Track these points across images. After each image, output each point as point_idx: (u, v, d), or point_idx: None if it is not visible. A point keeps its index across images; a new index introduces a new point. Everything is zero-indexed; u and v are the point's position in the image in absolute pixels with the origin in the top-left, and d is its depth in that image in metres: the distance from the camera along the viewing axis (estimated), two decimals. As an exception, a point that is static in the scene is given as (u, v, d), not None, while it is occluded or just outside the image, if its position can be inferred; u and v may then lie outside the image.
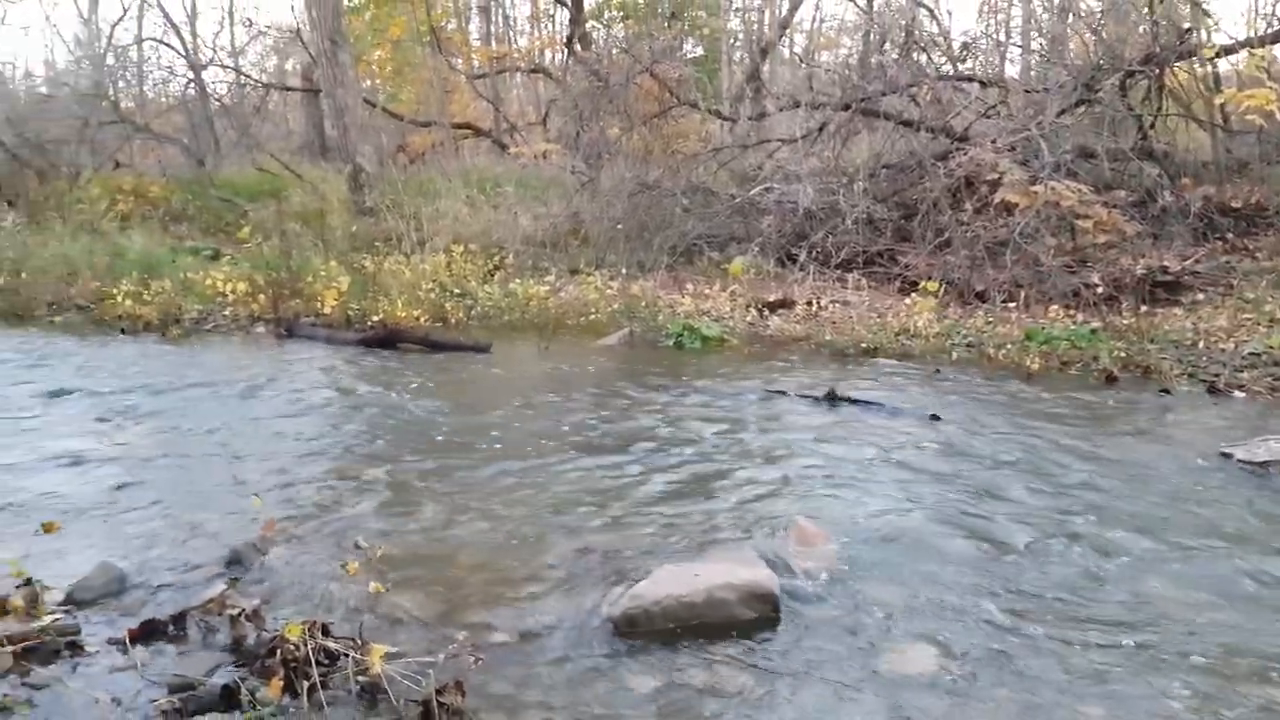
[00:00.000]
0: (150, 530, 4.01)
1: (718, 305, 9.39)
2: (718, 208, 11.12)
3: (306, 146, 21.17)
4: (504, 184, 14.43)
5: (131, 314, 9.45)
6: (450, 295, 9.83)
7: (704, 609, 3.17)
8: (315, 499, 4.50)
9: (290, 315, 9.45)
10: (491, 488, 4.57)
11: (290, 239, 11.22)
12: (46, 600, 3.18)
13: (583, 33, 17.35)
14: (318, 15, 15.02)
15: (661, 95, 12.61)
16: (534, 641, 3.06)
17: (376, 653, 2.71)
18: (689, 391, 6.64)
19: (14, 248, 11.56)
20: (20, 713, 2.56)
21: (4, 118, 17.03)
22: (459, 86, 21.63)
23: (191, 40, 22.87)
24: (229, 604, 3.05)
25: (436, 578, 3.53)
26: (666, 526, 4.04)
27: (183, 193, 16.67)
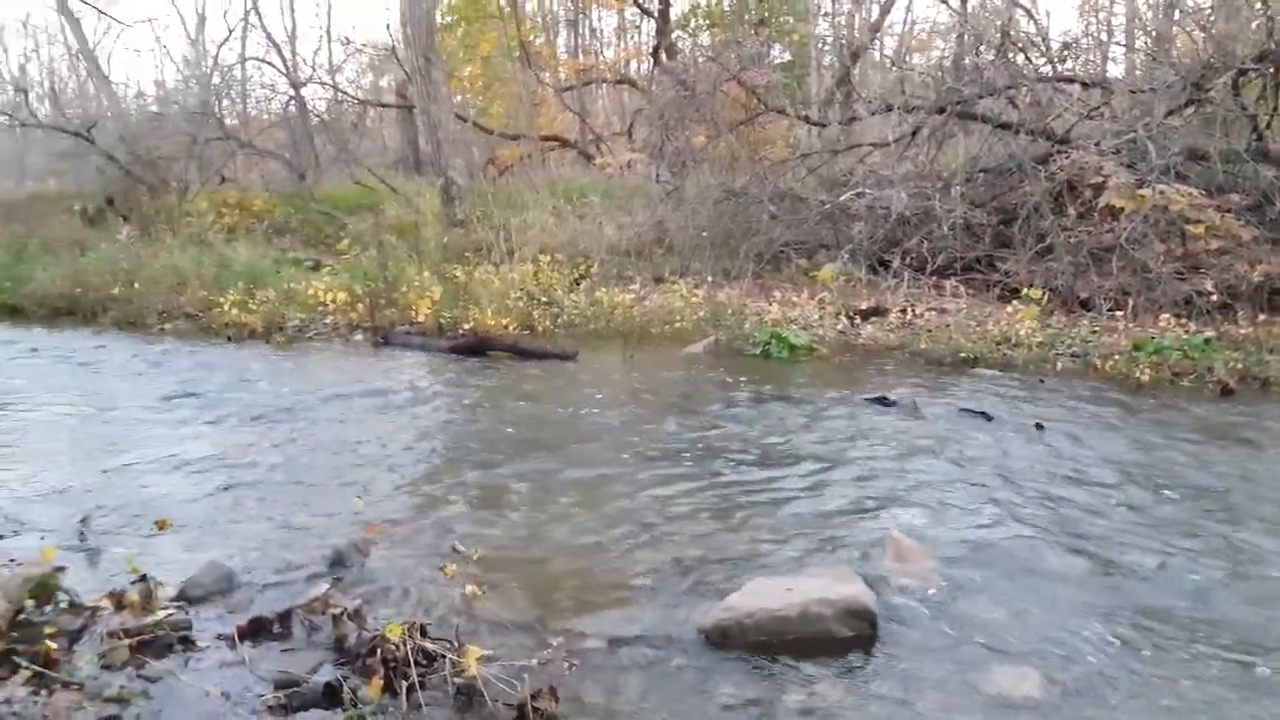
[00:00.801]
0: (256, 530, 4.15)
1: (806, 313, 9.26)
2: (806, 214, 10.97)
3: (401, 161, 21.70)
4: (589, 194, 14.54)
5: (237, 322, 9.83)
6: (537, 304, 9.95)
7: (798, 624, 3.11)
8: (412, 502, 4.60)
9: (386, 324, 9.70)
10: (581, 494, 4.59)
11: (386, 250, 11.51)
12: (160, 596, 3.31)
13: (669, 42, 17.39)
14: (412, 33, 15.39)
15: (748, 102, 12.54)
16: (625, 649, 3.06)
17: (472, 655, 2.75)
18: (778, 401, 6.57)
19: (128, 259, 12.16)
20: (137, 704, 2.67)
21: (119, 136, 17.89)
22: (546, 99, 21.92)
23: (292, 59, 23.75)
24: (332, 603, 3.13)
25: (529, 582, 3.56)
26: (756, 538, 3.99)
27: (285, 206, 17.26)
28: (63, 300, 11.64)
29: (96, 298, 11.34)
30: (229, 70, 24.17)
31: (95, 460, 5.27)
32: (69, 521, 4.16)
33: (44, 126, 21.68)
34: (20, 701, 2.64)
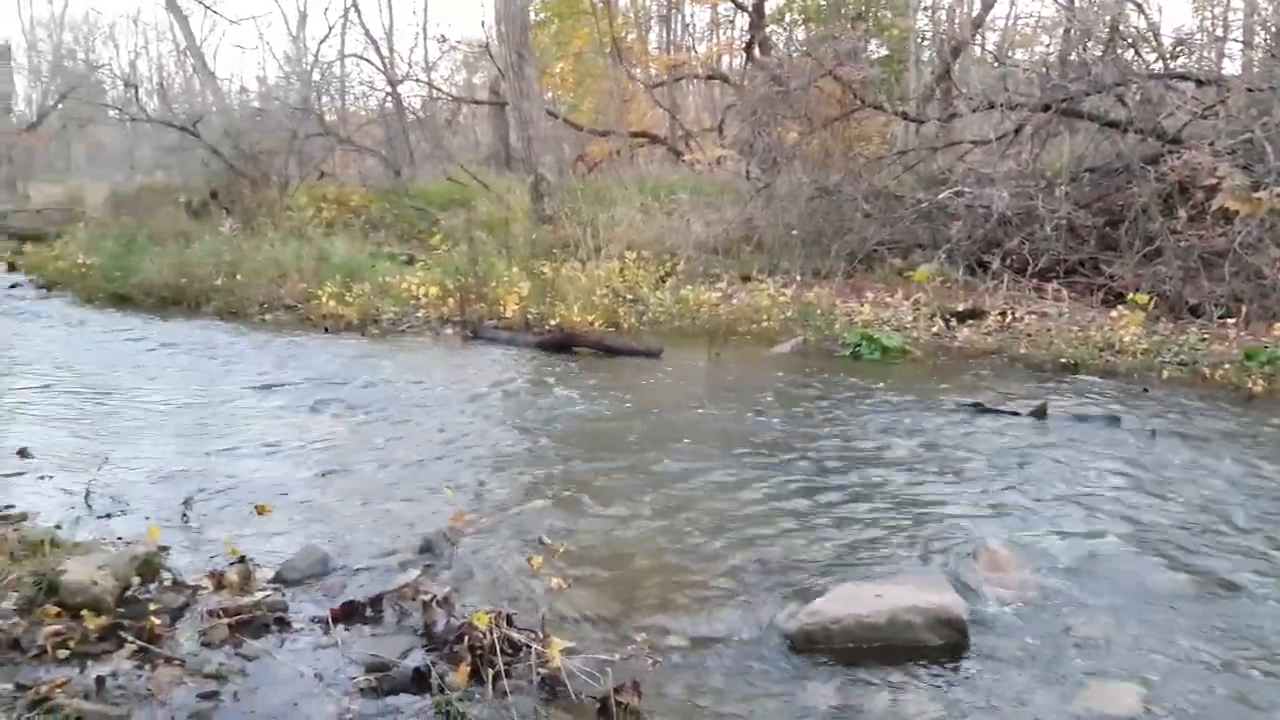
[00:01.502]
0: (350, 516, 4.26)
1: (899, 314, 9.07)
2: (902, 212, 10.72)
3: (492, 157, 22.04)
4: (678, 190, 14.52)
5: (334, 314, 10.11)
6: (623, 301, 9.97)
7: (887, 631, 3.05)
8: (499, 493, 4.66)
9: (475, 318, 9.85)
10: (665, 491, 4.58)
11: (477, 246, 11.70)
12: (258, 577, 3.43)
13: (762, 37, 17.24)
14: (506, 30, 15.60)
15: (844, 98, 12.34)
16: (708, 649, 3.04)
17: (556, 646, 2.76)
18: (867, 402, 6.45)
19: (231, 251, 12.61)
20: (234, 681, 2.76)
21: (223, 130, 18.57)
22: (637, 95, 21.98)
23: (389, 56, 24.32)
24: (422, 590, 3.19)
25: (612, 577, 3.57)
26: (844, 542, 3.92)
27: (380, 201, 17.67)
28: (168, 290, 12.09)
29: (201, 288, 11.76)
30: (329, 67, 24.92)
31: (198, 444, 5.49)
32: (172, 503, 4.33)
33: (152, 121, 22.66)
34: (125, 674, 2.76)
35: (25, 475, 4.83)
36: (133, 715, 2.55)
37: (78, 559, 3.24)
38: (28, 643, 2.87)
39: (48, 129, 29.30)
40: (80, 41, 40.61)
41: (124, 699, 2.63)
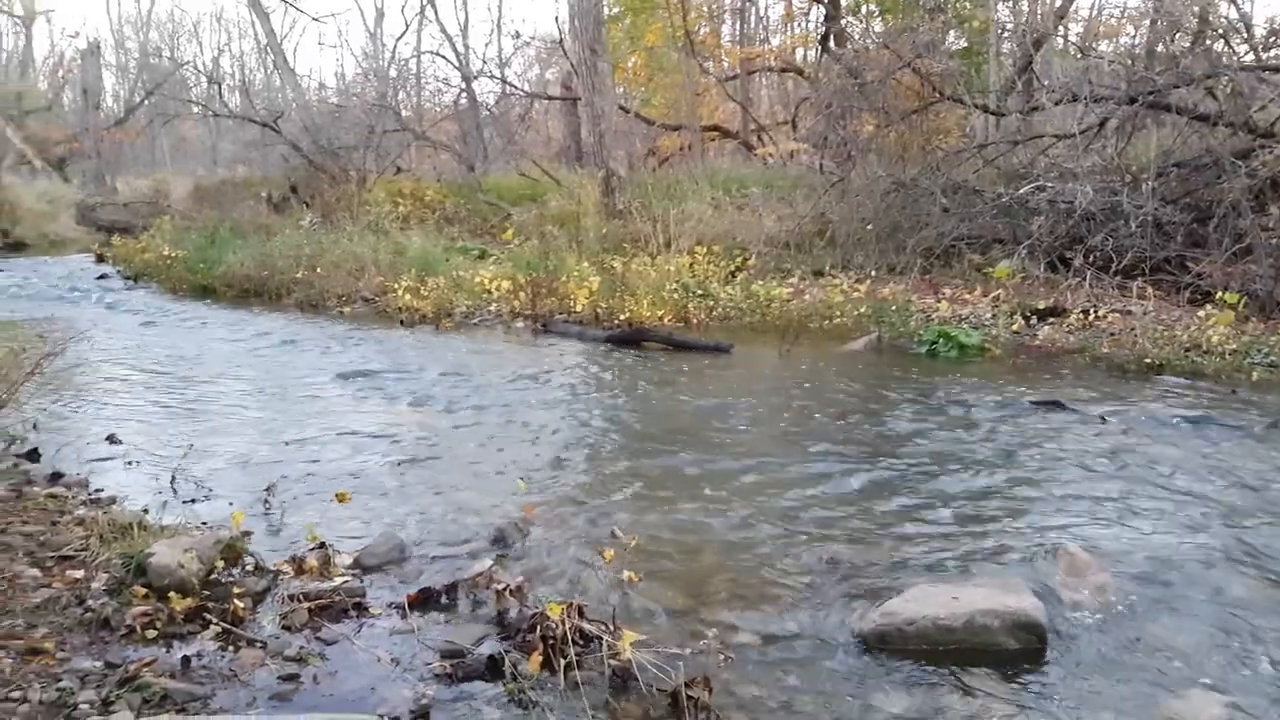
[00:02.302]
0: (425, 504, 4.34)
1: (977, 311, 8.88)
2: (981, 207, 10.47)
3: (564, 152, 22.21)
4: (749, 184, 14.43)
5: (410, 307, 10.30)
6: (693, 296, 9.95)
7: (963, 634, 3.00)
8: (568, 485, 4.69)
9: (546, 312, 9.94)
10: (733, 487, 4.56)
11: (548, 241, 11.80)
12: (337, 563, 3.50)
13: (838, 29, 17.02)
14: (580, 25, 15.68)
15: (922, 90, 12.10)
16: (779, 646, 3.02)
17: (627, 638, 2.77)
18: (944, 401, 6.32)
19: (310, 245, 12.92)
20: (313, 664, 2.83)
21: (302, 126, 19.03)
22: (709, 89, 21.90)
23: (464, 52, 24.64)
24: (495, 579, 3.23)
25: (682, 572, 3.56)
26: (917, 542, 3.85)
27: (455, 196, 17.94)
28: (250, 282, 12.47)
29: (282, 281, 12.09)
30: (405, 63, 25.36)
31: (279, 432, 5.64)
32: (254, 489, 4.45)
33: (235, 117, 23.39)
34: (210, 655, 2.84)
35: (114, 460, 5.02)
36: (216, 695, 2.63)
37: (165, 542, 3.35)
38: (117, 622, 2.97)
39: (135, 124, 30.46)
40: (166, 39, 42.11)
41: (208, 679, 2.71)
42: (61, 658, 2.76)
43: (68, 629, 2.94)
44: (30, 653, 2.75)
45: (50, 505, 4.07)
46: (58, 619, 2.99)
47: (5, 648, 2.76)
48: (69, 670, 2.68)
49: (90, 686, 2.60)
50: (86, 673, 2.67)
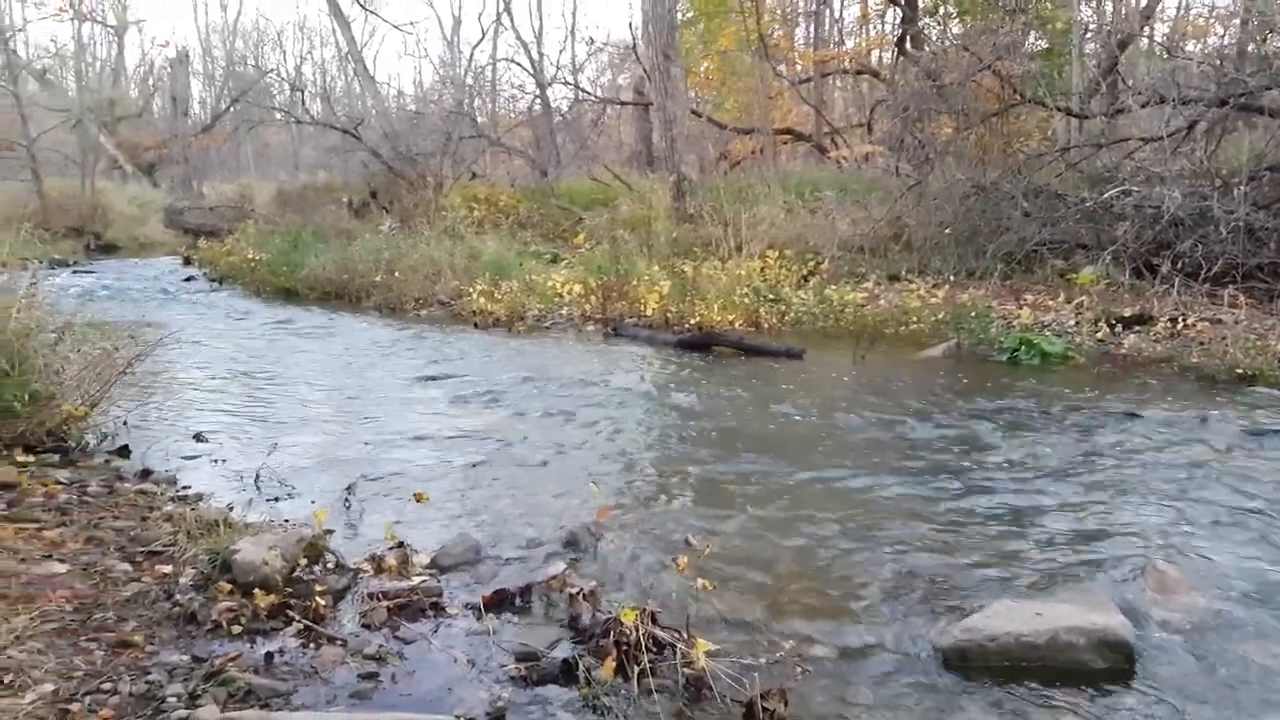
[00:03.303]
0: (499, 506, 4.38)
1: (1060, 318, 8.64)
2: (1064, 212, 10.18)
3: (635, 156, 22.28)
4: (823, 188, 14.28)
5: (484, 310, 10.43)
6: (764, 300, 9.87)
7: (1046, 651, 2.92)
8: (640, 490, 4.69)
9: (617, 316, 9.97)
10: (807, 496, 4.51)
11: (619, 245, 11.84)
12: (414, 562, 3.55)
13: (915, 31, 16.76)
14: (653, 31, 15.72)
15: (1003, 92, 11.83)
16: (855, 660, 2.97)
17: (702, 647, 2.75)
18: (1026, 410, 6.15)
19: (389, 249, 13.17)
20: (392, 663, 2.87)
21: (382, 133, 19.42)
22: (782, 92, 21.75)
23: (538, 59, 24.88)
24: (569, 583, 3.24)
25: (755, 582, 3.53)
26: (998, 556, 3.76)
27: (528, 201, 18.13)
28: (331, 285, 12.77)
29: (361, 284, 12.35)
30: (481, 71, 25.73)
31: (358, 432, 5.75)
32: (335, 488, 4.54)
33: (316, 123, 23.94)
34: (291, 652, 2.90)
35: (200, 458, 5.17)
36: (298, 691, 2.68)
37: (249, 539, 3.43)
38: (203, 617, 3.05)
39: (221, 130, 31.45)
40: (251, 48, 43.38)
41: (290, 675, 2.77)
42: (150, 651, 2.83)
43: (156, 623, 3.02)
44: (121, 645, 2.84)
45: (140, 501, 4.21)
46: (147, 613, 3.08)
47: (97, 640, 2.85)
48: (157, 663, 2.76)
49: (178, 680, 2.66)
50: (174, 666, 2.74)
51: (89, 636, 2.86)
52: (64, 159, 24.92)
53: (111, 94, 31.81)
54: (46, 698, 2.47)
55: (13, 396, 4.79)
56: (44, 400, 4.94)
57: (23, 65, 26.20)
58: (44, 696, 2.48)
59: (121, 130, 29.67)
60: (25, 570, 3.27)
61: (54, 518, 3.85)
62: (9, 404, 4.78)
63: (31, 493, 4.12)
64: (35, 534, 3.63)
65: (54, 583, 3.19)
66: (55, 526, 3.75)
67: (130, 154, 28.91)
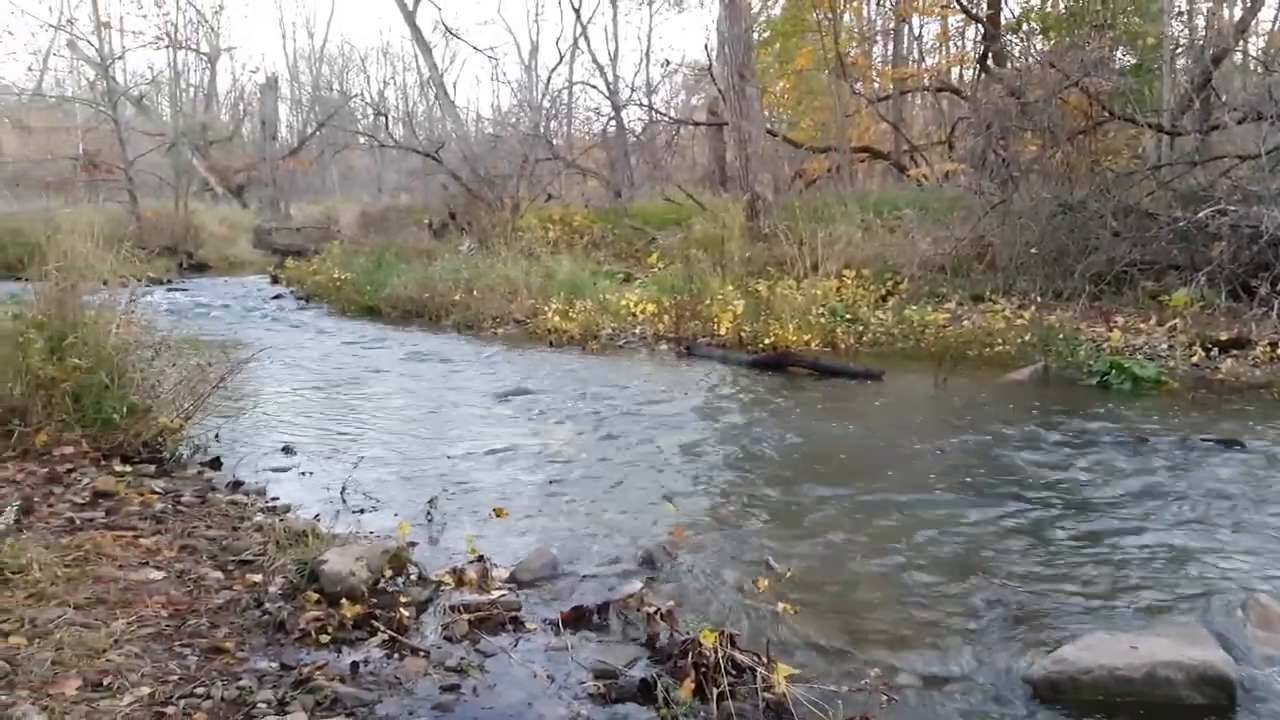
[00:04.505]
0: (575, 523, 4.40)
1: (1152, 341, 8.35)
2: (1155, 232, 9.85)
3: (707, 177, 22.29)
4: (901, 206, 14.09)
5: (558, 329, 10.52)
6: (841, 320, 9.75)
7: (1142, 686, 2.82)
8: (716, 511, 4.67)
9: (690, 335, 9.96)
10: (886, 522, 4.42)
11: (692, 264, 11.84)
12: (494, 577, 3.58)
13: (997, 48, 16.48)
14: (729, 51, 15.74)
15: (1090, 109, 11.54)
16: (941, 690, 2.90)
17: (782, 672, 2.71)
18: (1118, 437, 5.95)
19: (468, 269, 13.40)
20: (473, 675, 2.89)
21: (462, 156, 19.81)
22: (860, 110, 21.57)
23: (613, 81, 25.15)
24: (646, 602, 3.23)
25: (837, 606, 3.47)
26: (1088, 587, 3.64)
27: (601, 221, 18.28)
28: (412, 304, 13.03)
29: (441, 303, 12.56)
30: (558, 94, 26.09)
31: (440, 448, 5.84)
32: (416, 501, 4.61)
33: (399, 147, 24.54)
34: (376, 662, 2.94)
35: (289, 470, 5.31)
36: (382, 701, 2.71)
37: (336, 550, 3.50)
38: (291, 625, 3.12)
39: (307, 154, 32.46)
40: (336, 74, 44.74)
41: (375, 684, 2.81)
42: (241, 657, 2.90)
43: (247, 630, 3.09)
44: (213, 651, 2.91)
45: (231, 511, 4.33)
46: (238, 620, 3.16)
47: (191, 645, 2.93)
48: (248, 669, 2.82)
49: (267, 686, 2.72)
50: (264, 673, 2.80)
51: (183, 642, 2.94)
52: (159, 181, 25.97)
53: (204, 119, 33.12)
54: (143, 700, 2.55)
55: (112, 409, 4.99)
56: (141, 413, 5.13)
57: (121, 91, 27.37)
58: (141, 699, 2.55)
59: (213, 153, 30.82)
60: (123, 576, 3.38)
61: (150, 526, 3.98)
62: (108, 416, 4.98)
63: (129, 501, 4.26)
64: (132, 541, 3.75)
65: (150, 589, 3.30)
66: (151, 534, 3.87)
67: (221, 176, 30.00)
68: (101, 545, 3.63)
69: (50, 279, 5.32)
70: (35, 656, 2.68)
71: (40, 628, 2.87)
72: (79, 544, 3.60)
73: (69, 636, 2.81)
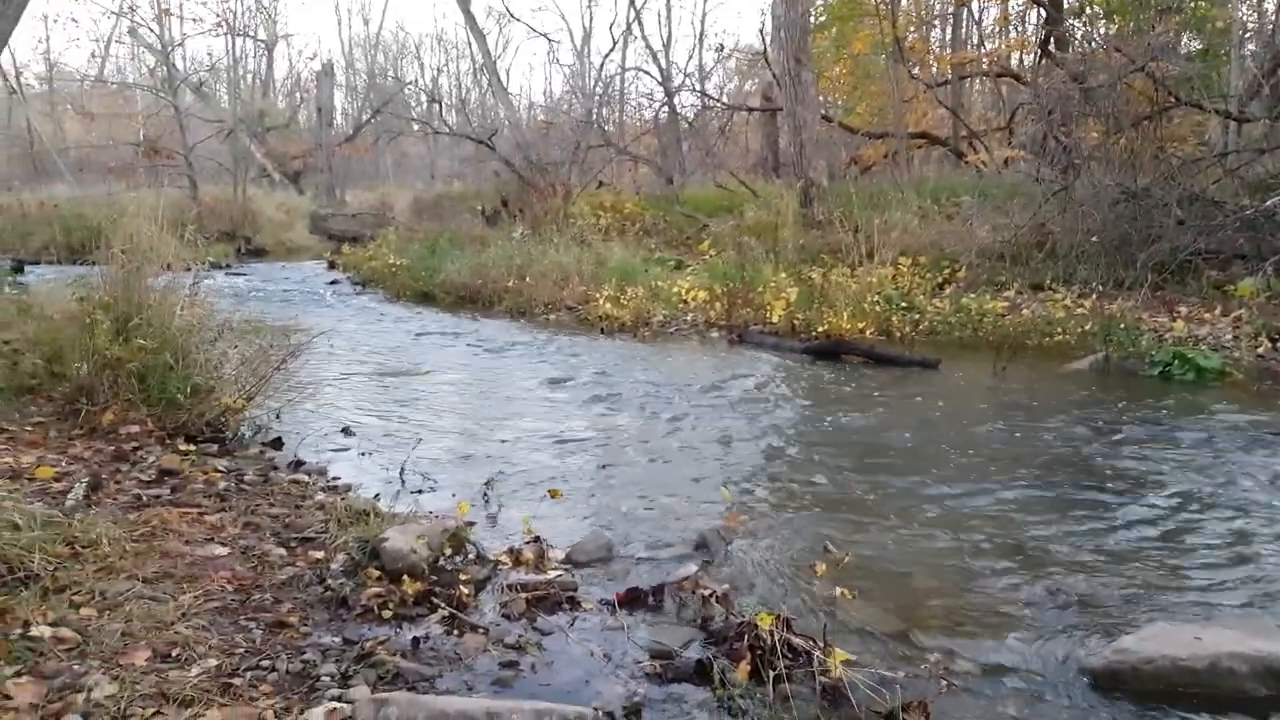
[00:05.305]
0: (630, 507, 4.43)
1: (1216, 332, 8.14)
2: (1221, 220, 9.58)
3: (760, 164, 22.11)
4: (959, 193, 13.86)
5: (610, 316, 10.56)
6: (896, 308, 9.65)
7: (1206, 677, 2.78)
8: (769, 497, 4.66)
9: (741, 323, 9.93)
10: (944, 509, 4.39)
11: (745, 252, 11.78)
12: (550, 557, 3.63)
13: (1059, 32, 16.10)
14: (785, 36, 15.60)
15: (1155, 95, 11.23)
16: (1000, 677, 2.87)
17: (838, 656, 2.71)
18: (1179, 428, 5.82)
19: (520, 255, 13.47)
20: (531, 653, 2.93)
21: (514, 143, 19.89)
22: (917, 95, 21.23)
23: (666, 67, 25.03)
24: (702, 585, 3.24)
25: (893, 593, 3.46)
26: (1152, 578, 3.58)
27: (653, 208, 18.24)
28: (465, 290, 13.14)
29: (494, 289, 12.66)
30: (610, 80, 26.04)
31: (495, 431, 5.91)
32: (473, 482, 4.68)
33: (453, 134, 24.70)
34: (436, 638, 3.00)
35: (349, 451, 5.41)
36: (443, 676, 2.76)
37: (396, 528, 3.56)
38: (353, 601, 3.18)
39: (362, 140, 32.80)
40: (391, 61, 45.10)
41: (435, 660, 2.86)
42: (304, 632, 2.96)
43: (310, 605, 3.16)
44: (277, 625, 2.98)
45: (293, 490, 4.41)
46: (301, 595, 3.23)
47: (256, 620, 2.99)
48: (312, 644, 2.88)
49: (330, 660, 2.77)
50: (327, 647, 2.86)
51: (248, 616, 3.01)
52: (218, 167, 26.47)
53: (261, 105, 33.60)
54: (211, 672, 2.61)
55: (176, 389, 5.11)
56: (204, 393, 5.25)
57: (181, 78, 27.87)
58: (209, 670, 2.61)
59: (270, 140, 31.28)
60: (189, 552, 3.46)
61: (214, 504, 4.07)
62: (173, 395, 5.10)
63: (193, 479, 4.36)
64: (197, 518, 3.84)
65: (215, 564, 3.38)
66: (215, 512, 3.96)
67: (278, 162, 30.45)
68: (168, 521, 3.72)
69: (116, 262, 5.44)
70: (105, 628, 2.76)
71: (110, 600, 2.95)
72: (146, 520, 3.68)
73: (138, 609, 2.89)
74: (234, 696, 2.51)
